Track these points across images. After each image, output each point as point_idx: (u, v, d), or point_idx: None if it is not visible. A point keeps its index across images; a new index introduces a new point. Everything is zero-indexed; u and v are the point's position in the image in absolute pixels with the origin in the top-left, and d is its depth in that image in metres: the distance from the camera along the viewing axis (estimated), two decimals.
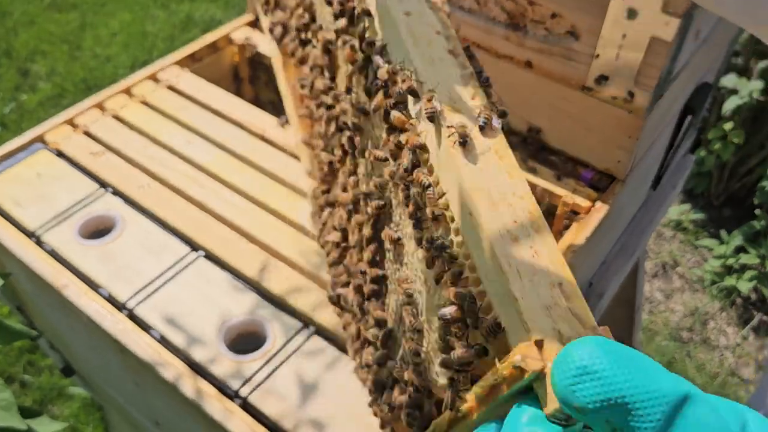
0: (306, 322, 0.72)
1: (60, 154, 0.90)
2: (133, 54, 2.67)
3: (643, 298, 1.90)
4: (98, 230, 0.83)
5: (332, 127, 0.65)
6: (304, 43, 0.75)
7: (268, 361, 0.68)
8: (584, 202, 0.84)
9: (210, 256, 0.79)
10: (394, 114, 0.45)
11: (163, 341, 0.70)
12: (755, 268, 1.93)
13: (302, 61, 0.77)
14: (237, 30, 1.13)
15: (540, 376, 0.28)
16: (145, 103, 0.98)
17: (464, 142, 0.37)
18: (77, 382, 1.22)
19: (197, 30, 2.83)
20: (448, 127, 0.38)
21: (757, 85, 1.67)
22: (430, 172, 0.41)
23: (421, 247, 0.40)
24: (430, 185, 0.40)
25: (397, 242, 0.47)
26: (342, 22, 0.57)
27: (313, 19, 0.71)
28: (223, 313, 0.72)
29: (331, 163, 0.69)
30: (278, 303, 0.74)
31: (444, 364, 0.37)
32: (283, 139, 0.93)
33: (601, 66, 0.76)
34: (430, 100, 0.40)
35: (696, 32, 0.78)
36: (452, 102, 0.40)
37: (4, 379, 1.49)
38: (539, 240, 0.33)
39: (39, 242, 0.80)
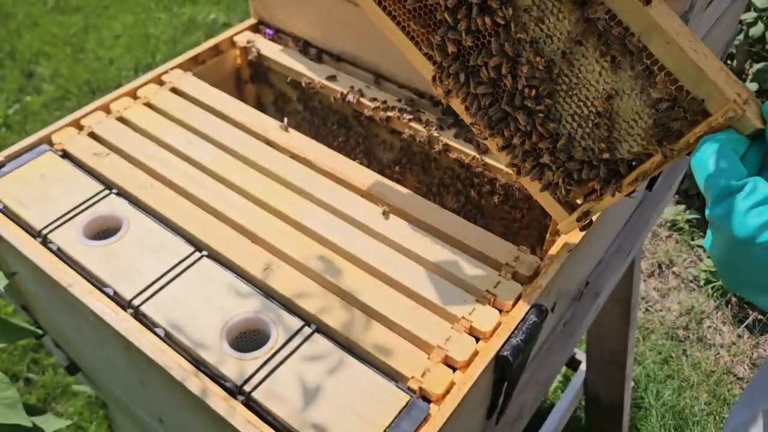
0: (308, 320, 0.73)
1: (65, 155, 0.92)
2: (136, 56, 2.68)
3: (639, 297, 1.91)
4: (102, 230, 0.84)
5: None
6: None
7: (270, 359, 0.69)
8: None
9: (213, 256, 0.80)
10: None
11: (167, 339, 0.72)
12: None
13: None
14: (240, 33, 1.14)
15: (741, 118, 0.52)
16: (149, 105, 1.00)
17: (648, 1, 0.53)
18: (81, 380, 1.24)
19: (199, 33, 2.84)
20: None
21: (752, 87, 1.69)
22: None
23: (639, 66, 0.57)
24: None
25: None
26: None
27: None
28: (225, 312, 0.74)
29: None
30: (280, 302, 0.75)
31: (656, 135, 0.57)
32: (285, 140, 0.94)
33: None
34: None
35: None
36: None
37: (9, 377, 1.50)
38: (703, 47, 0.54)
39: (44, 242, 0.81)
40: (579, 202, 0.68)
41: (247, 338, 0.74)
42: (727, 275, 0.51)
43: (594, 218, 0.69)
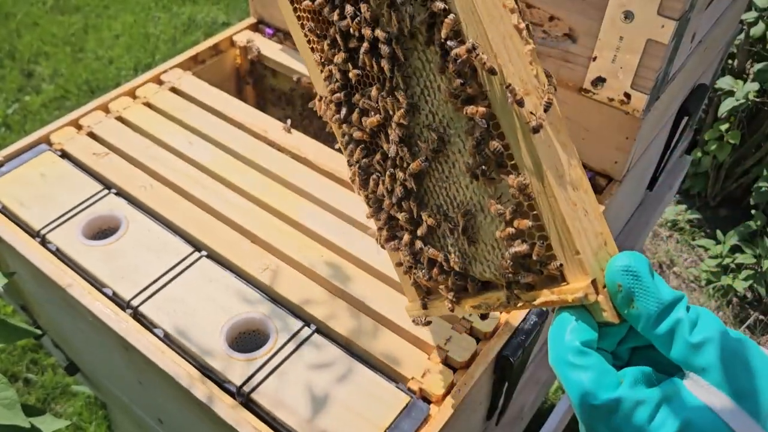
0: (308, 321, 0.73)
1: (64, 155, 0.92)
2: (136, 56, 2.68)
3: None
4: (102, 230, 0.84)
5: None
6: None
7: (270, 360, 0.69)
8: None
9: (212, 256, 0.80)
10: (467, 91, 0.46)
11: (166, 339, 0.72)
12: (751, 268, 1.94)
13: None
14: (239, 33, 1.14)
15: (593, 303, 0.42)
16: (148, 105, 0.99)
17: (537, 129, 0.43)
18: (80, 381, 1.23)
19: (199, 32, 2.84)
20: (530, 113, 0.44)
21: (753, 86, 1.68)
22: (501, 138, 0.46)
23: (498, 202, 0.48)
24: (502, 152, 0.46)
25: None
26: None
27: None
28: (225, 312, 0.73)
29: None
30: (280, 302, 0.75)
31: (508, 286, 0.49)
32: (285, 140, 0.94)
33: (599, 68, 0.77)
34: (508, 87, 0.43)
35: (692, 35, 0.79)
36: (523, 84, 0.44)
37: (8, 377, 1.50)
38: (588, 201, 0.45)
39: (43, 242, 0.81)
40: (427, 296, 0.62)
41: (247, 338, 0.74)
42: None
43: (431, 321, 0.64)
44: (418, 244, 0.57)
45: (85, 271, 0.78)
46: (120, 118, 0.97)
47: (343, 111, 0.57)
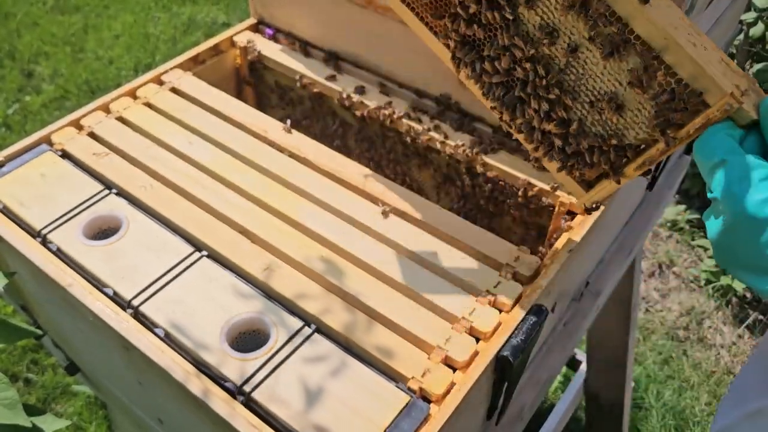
0: (308, 320, 0.73)
1: (64, 155, 0.92)
2: (136, 56, 2.68)
3: (639, 297, 1.91)
4: (102, 230, 0.84)
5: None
6: None
7: (270, 359, 0.69)
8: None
9: (213, 256, 0.80)
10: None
11: (167, 339, 0.72)
12: None
13: None
14: (240, 33, 1.14)
15: (737, 109, 0.53)
16: (149, 105, 1.00)
17: (646, 1, 0.55)
18: (81, 381, 1.24)
19: (199, 32, 2.84)
20: None
21: None
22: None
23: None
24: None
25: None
26: None
27: None
28: (225, 312, 0.74)
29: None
30: (280, 302, 0.75)
31: (660, 125, 0.59)
32: (285, 140, 0.94)
33: None
34: None
35: None
36: None
37: (9, 377, 1.50)
38: (703, 39, 0.56)
39: (44, 242, 0.81)
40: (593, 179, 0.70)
41: (247, 338, 0.74)
42: (726, 255, 0.53)
43: (602, 203, 0.72)
44: (574, 141, 0.67)
45: (85, 271, 0.78)
46: (120, 119, 0.97)
47: (477, 66, 0.69)
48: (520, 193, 0.90)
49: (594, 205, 0.71)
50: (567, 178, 0.71)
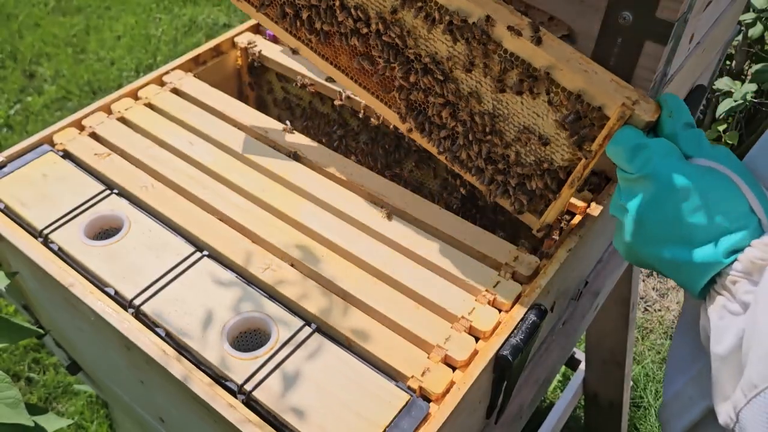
0: (307, 319, 0.73)
1: (66, 156, 0.92)
2: (137, 57, 2.69)
3: (638, 297, 1.91)
4: (103, 230, 0.85)
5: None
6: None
7: (270, 359, 0.70)
8: (580, 203, 0.85)
9: (214, 256, 0.80)
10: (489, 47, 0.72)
11: (168, 339, 0.72)
12: None
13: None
14: (241, 34, 1.14)
15: (632, 115, 0.64)
16: (150, 106, 1.00)
17: (538, 41, 0.68)
18: (82, 380, 1.24)
19: (200, 34, 2.85)
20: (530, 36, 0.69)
21: (751, 87, 1.69)
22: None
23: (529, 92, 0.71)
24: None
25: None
26: None
27: None
28: (226, 312, 0.74)
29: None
30: (280, 301, 0.75)
31: (575, 142, 0.70)
32: (285, 140, 0.95)
33: None
34: None
35: (690, 36, 0.80)
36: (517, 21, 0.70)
37: (11, 376, 1.50)
38: (594, 66, 0.67)
39: (45, 242, 0.81)
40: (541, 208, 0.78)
41: (248, 338, 0.74)
42: (649, 230, 0.60)
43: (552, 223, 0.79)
44: (514, 172, 0.77)
45: (87, 270, 0.78)
46: (122, 119, 0.98)
47: (426, 127, 0.82)
48: None
49: (545, 229, 0.77)
50: (524, 215, 0.79)
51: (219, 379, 0.68)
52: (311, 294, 0.75)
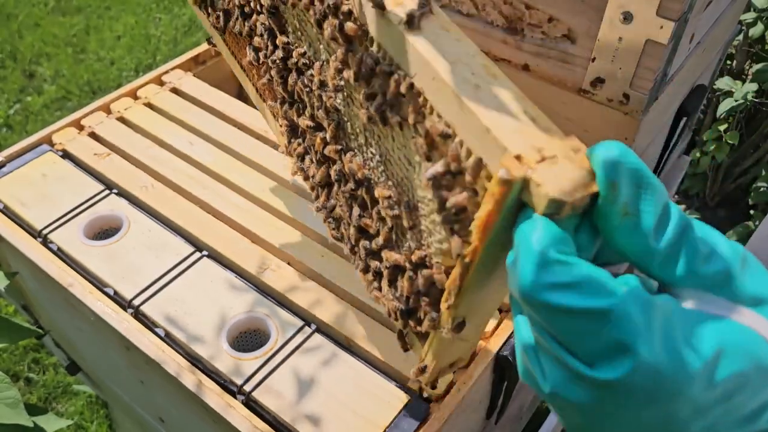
0: (307, 320, 0.73)
1: (65, 156, 0.92)
2: (137, 57, 2.69)
3: None
4: (103, 230, 0.84)
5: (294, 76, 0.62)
6: (248, 15, 0.68)
7: (270, 359, 0.69)
8: None
9: (213, 256, 0.80)
10: (348, 24, 0.46)
11: (168, 339, 0.72)
12: None
13: (250, 33, 0.69)
14: None
15: (525, 184, 0.31)
16: (150, 106, 1.00)
17: (411, 21, 0.40)
18: (82, 380, 1.24)
19: (200, 33, 2.84)
20: (398, 17, 0.41)
21: (751, 87, 1.68)
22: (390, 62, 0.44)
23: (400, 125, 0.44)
24: (392, 71, 0.43)
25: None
26: None
27: None
28: (225, 312, 0.74)
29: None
30: (280, 301, 0.75)
31: (444, 220, 0.40)
32: None
33: (597, 69, 0.78)
34: None
35: (691, 35, 0.79)
36: None
37: (10, 376, 1.50)
38: (497, 83, 0.37)
39: (45, 242, 0.81)
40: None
41: (247, 338, 0.74)
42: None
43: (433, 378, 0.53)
44: (381, 259, 0.53)
45: (86, 270, 0.78)
46: (121, 119, 0.97)
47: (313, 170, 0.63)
48: None
49: (433, 385, 0.53)
50: (412, 337, 0.53)
51: (218, 379, 0.68)
52: (311, 294, 0.75)
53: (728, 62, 1.93)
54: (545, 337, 0.29)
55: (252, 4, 0.63)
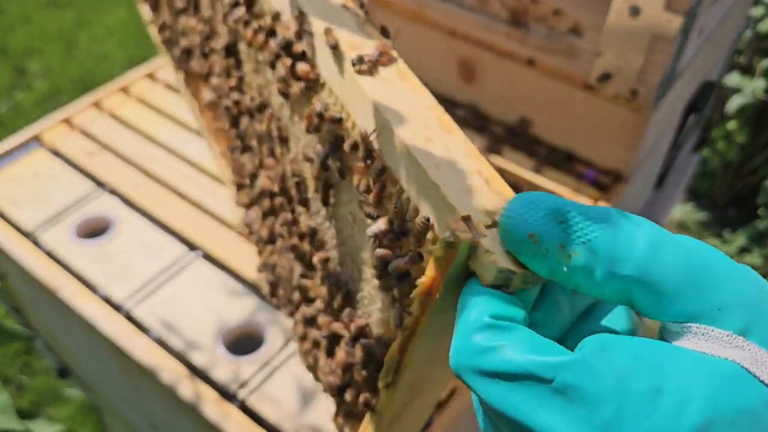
0: None
1: (56, 153, 0.90)
2: (130, 52, 2.65)
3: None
4: (95, 230, 0.82)
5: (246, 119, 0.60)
6: (207, 55, 0.68)
7: (266, 364, 0.67)
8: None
9: (208, 257, 0.78)
10: (300, 66, 0.43)
11: (161, 343, 0.70)
12: (759, 268, 1.92)
13: (209, 72, 0.68)
14: None
15: (472, 248, 0.28)
16: (142, 102, 0.97)
17: (369, 70, 0.38)
18: (73, 384, 1.21)
19: None
20: (352, 61, 0.38)
21: (760, 83, 1.67)
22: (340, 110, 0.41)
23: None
24: (341, 118, 0.40)
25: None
26: (240, 10, 0.51)
27: (212, 33, 0.65)
28: (220, 315, 0.71)
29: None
30: (276, 304, 0.73)
31: (384, 286, 0.36)
32: None
33: (604, 64, 0.76)
34: (329, 33, 0.39)
35: (699, 30, 0.78)
36: (350, 38, 0.40)
37: (1, 381, 1.48)
38: (452, 139, 0.34)
39: (35, 242, 0.79)
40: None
41: (243, 341, 0.72)
42: None
43: None
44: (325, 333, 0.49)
45: (77, 272, 0.76)
46: (113, 115, 0.95)
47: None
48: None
49: None
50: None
51: (213, 383, 0.66)
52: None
53: (737, 58, 1.92)
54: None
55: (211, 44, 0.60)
